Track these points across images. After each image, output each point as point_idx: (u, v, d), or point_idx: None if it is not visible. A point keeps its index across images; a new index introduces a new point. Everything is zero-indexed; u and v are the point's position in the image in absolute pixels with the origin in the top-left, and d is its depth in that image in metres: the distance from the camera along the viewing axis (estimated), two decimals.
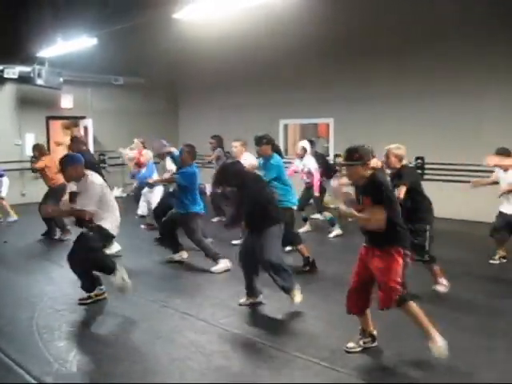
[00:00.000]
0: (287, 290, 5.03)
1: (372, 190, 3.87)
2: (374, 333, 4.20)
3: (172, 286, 6.01)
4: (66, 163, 5.26)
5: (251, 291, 5.22)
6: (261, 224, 5.00)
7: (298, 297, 5.04)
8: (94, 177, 5.28)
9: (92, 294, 5.37)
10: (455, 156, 9.53)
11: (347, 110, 11.06)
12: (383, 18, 10.21)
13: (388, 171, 5.41)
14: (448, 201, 9.49)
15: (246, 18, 9.27)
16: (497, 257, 6.82)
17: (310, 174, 8.39)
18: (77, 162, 5.30)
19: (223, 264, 6.45)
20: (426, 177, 9.94)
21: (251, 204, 5.00)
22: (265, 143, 6.40)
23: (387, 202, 3.84)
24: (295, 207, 6.63)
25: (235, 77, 12.92)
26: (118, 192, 13.59)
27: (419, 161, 10.13)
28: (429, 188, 9.78)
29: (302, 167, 8.48)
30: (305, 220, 8.92)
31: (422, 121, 10.02)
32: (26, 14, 10.75)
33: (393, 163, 5.40)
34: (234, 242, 7.47)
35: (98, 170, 6.82)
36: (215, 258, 6.48)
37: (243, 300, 5.26)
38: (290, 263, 5.84)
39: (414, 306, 3.90)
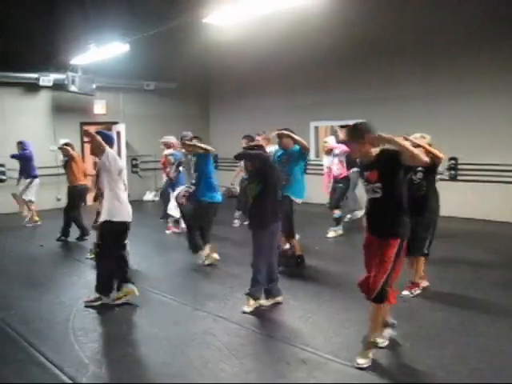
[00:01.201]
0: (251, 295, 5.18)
1: (383, 163, 3.84)
2: (392, 320, 4.26)
3: (203, 289, 6.04)
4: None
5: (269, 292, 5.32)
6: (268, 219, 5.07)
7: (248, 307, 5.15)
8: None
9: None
10: (489, 156, 9.33)
11: (377, 111, 10.91)
12: (410, 18, 10.11)
13: None
14: (483, 201, 9.34)
15: (274, 22, 9.32)
16: None
17: (340, 163, 8.51)
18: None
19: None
20: (459, 178, 9.79)
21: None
22: (287, 136, 6.57)
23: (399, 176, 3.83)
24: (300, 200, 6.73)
25: (265, 80, 12.95)
26: (150, 196, 13.76)
27: (452, 161, 9.96)
28: (462, 189, 9.75)
29: (334, 159, 8.51)
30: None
31: (454, 121, 9.83)
32: (58, 23, 10.97)
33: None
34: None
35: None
36: None
37: (263, 301, 5.30)
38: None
39: (385, 308, 4.01)
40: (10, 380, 3.86)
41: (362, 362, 3.87)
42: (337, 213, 8.64)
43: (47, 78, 11.83)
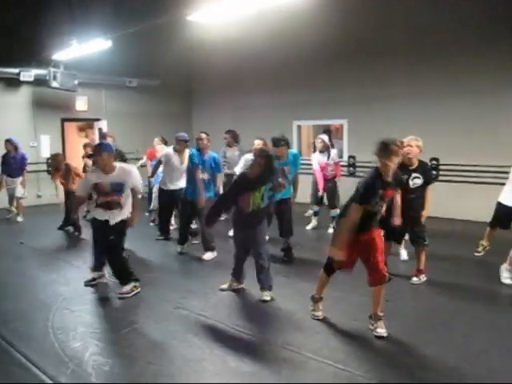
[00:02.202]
0: (268, 287, 5.44)
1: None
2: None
3: (186, 286, 6.02)
4: (101, 149, 5.47)
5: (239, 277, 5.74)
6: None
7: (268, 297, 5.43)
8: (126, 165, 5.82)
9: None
10: (471, 157, 9.43)
11: (361, 111, 11.01)
12: (397, 17, 10.15)
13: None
14: (463, 202, 9.43)
15: (259, 20, 9.30)
16: (480, 249, 7.03)
17: (335, 165, 8.70)
18: (112, 151, 5.56)
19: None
20: (440, 178, 9.86)
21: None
22: (283, 145, 6.70)
23: None
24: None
25: (249, 78, 12.94)
26: None
27: (434, 162, 10.05)
28: (443, 189, 9.84)
29: (329, 161, 8.60)
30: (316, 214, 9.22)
31: (437, 121, 9.91)
32: (41, 18, 10.82)
33: (415, 154, 5.76)
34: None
35: None
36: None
37: (225, 286, 5.73)
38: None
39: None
40: None
41: (382, 331, 4.37)
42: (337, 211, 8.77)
43: (28, 74, 11.67)
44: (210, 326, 4.80)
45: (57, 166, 8.66)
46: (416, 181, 5.72)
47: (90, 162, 9.08)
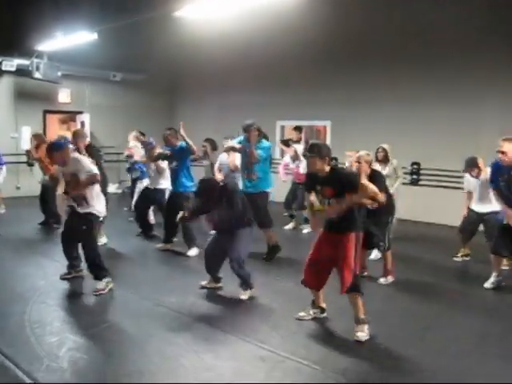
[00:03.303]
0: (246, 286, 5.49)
1: (334, 182, 4.41)
2: (323, 305, 4.88)
3: (166, 284, 6.01)
4: (51, 150, 5.65)
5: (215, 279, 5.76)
6: (234, 226, 5.39)
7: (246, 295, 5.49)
8: (78, 155, 5.86)
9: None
10: (452, 162, 9.53)
11: (344, 113, 11.07)
12: (380, 21, 10.23)
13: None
14: (443, 207, 9.53)
15: (245, 19, 9.29)
16: (460, 255, 7.20)
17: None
18: (62, 147, 5.67)
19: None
20: (421, 182, 9.98)
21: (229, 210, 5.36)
22: (253, 129, 6.79)
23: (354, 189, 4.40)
24: (270, 191, 7.17)
25: (233, 76, 12.93)
26: (113, 188, 13.56)
27: (415, 166, 10.16)
28: (423, 194, 9.95)
29: (294, 166, 8.91)
30: (291, 217, 9.30)
31: (419, 126, 10.02)
32: (26, 7, 10.69)
33: (365, 168, 5.83)
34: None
35: (101, 165, 6.99)
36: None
37: (205, 282, 5.76)
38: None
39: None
40: None
41: (362, 334, 4.41)
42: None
43: (10, 63, 11.50)
44: (188, 323, 4.79)
45: (40, 142, 8.66)
46: None
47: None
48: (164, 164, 7.94)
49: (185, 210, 5.86)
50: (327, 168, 4.45)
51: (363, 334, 4.41)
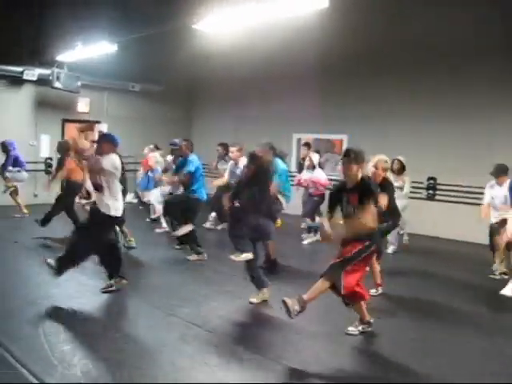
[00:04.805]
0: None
1: (362, 190, 4.38)
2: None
3: (179, 294, 6.01)
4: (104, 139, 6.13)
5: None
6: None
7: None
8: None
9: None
10: (467, 178, 9.47)
11: (361, 128, 11.04)
12: (397, 36, 10.23)
13: None
14: (459, 223, 9.45)
15: (263, 32, 9.37)
16: (497, 272, 6.94)
17: (315, 183, 8.81)
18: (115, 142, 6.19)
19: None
20: (437, 198, 9.91)
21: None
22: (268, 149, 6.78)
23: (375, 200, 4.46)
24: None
25: (250, 89, 13.00)
26: (129, 197, 13.64)
27: (431, 181, 10.10)
28: (439, 209, 9.87)
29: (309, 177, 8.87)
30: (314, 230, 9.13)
31: (435, 141, 9.99)
32: (48, 19, 10.87)
33: (379, 173, 5.86)
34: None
35: (124, 174, 7.16)
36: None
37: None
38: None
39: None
40: None
41: (352, 329, 4.68)
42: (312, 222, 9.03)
43: (32, 73, 11.69)
44: (200, 334, 4.78)
45: (68, 148, 8.72)
46: None
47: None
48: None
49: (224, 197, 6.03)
50: (360, 175, 4.40)
51: (354, 328, 4.68)
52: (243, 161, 7.60)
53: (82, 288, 5.95)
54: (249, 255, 5.43)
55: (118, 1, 9.52)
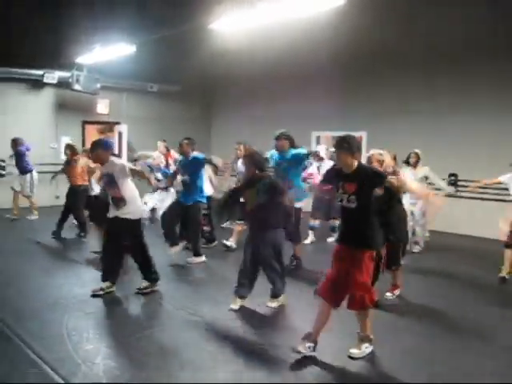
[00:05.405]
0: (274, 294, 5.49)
1: (360, 177, 4.10)
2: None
3: (200, 294, 6.05)
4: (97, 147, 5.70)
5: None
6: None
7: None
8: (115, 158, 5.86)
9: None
10: (490, 174, 9.31)
11: (380, 124, 10.97)
12: (418, 32, 10.15)
13: None
14: (481, 219, 9.33)
15: (280, 31, 9.35)
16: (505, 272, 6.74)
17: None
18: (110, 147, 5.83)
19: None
20: (458, 194, 9.78)
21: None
22: (283, 138, 6.73)
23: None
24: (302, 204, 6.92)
25: (268, 87, 12.99)
26: (147, 198, 13.72)
27: (452, 177, 9.98)
28: (461, 206, 9.74)
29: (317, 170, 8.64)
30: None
31: (457, 137, 9.87)
32: (67, 22, 10.99)
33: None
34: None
35: None
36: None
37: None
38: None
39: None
40: (1, 379, 3.85)
41: (354, 351, 4.28)
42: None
43: (52, 76, 11.85)
44: (222, 334, 4.80)
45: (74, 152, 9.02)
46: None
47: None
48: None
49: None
50: (355, 163, 4.13)
51: (355, 350, 4.28)
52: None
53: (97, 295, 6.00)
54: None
55: (137, 3, 9.59)
